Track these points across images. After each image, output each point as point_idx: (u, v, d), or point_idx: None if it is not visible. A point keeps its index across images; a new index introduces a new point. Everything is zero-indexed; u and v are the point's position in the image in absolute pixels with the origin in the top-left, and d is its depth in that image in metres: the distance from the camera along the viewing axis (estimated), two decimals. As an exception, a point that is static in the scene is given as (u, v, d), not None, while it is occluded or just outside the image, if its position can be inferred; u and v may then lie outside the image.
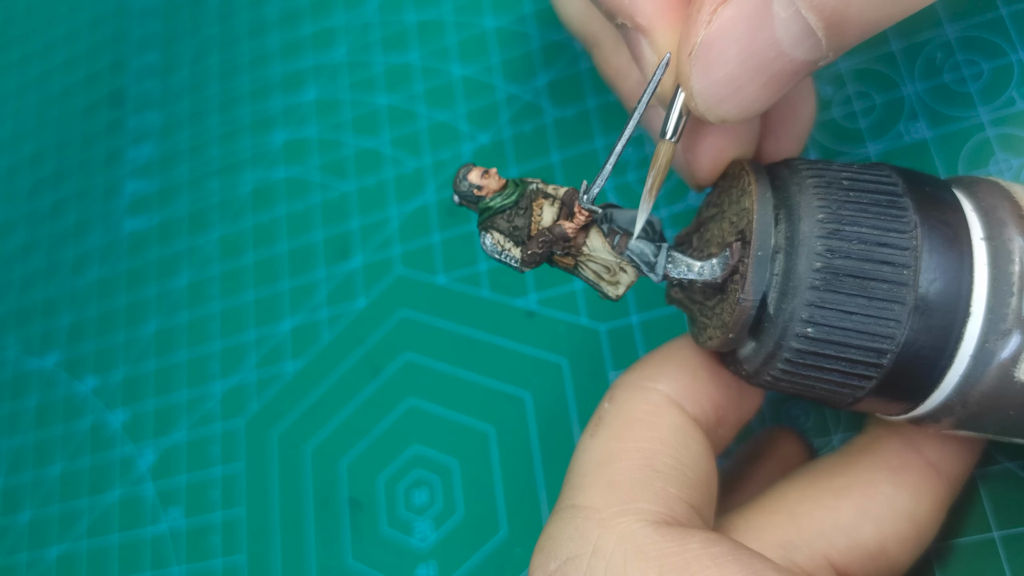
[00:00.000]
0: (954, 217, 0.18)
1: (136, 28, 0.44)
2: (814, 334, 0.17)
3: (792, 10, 0.16)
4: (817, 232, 0.17)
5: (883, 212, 0.17)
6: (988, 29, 0.27)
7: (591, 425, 0.21)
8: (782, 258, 0.18)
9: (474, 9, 0.36)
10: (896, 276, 0.17)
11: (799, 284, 0.17)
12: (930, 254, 0.17)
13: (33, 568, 0.35)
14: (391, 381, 0.32)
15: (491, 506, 0.29)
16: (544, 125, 0.33)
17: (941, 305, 0.17)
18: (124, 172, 0.41)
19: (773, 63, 0.17)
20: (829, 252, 0.17)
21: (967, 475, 0.22)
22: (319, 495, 0.31)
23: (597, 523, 0.18)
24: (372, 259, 0.34)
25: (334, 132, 0.37)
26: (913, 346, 0.17)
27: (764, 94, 0.17)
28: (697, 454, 0.20)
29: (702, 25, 0.17)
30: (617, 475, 0.19)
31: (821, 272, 0.17)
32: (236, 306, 0.35)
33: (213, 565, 0.32)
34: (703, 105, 0.18)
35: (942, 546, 0.23)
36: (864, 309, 0.17)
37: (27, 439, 0.37)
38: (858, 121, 0.28)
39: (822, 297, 0.17)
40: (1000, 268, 0.17)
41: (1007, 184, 0.18)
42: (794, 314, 0.17)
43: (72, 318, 0.39)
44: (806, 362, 0.18)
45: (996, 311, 0.17)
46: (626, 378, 0.21)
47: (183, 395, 0.35)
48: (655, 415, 0.20)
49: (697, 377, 0.21)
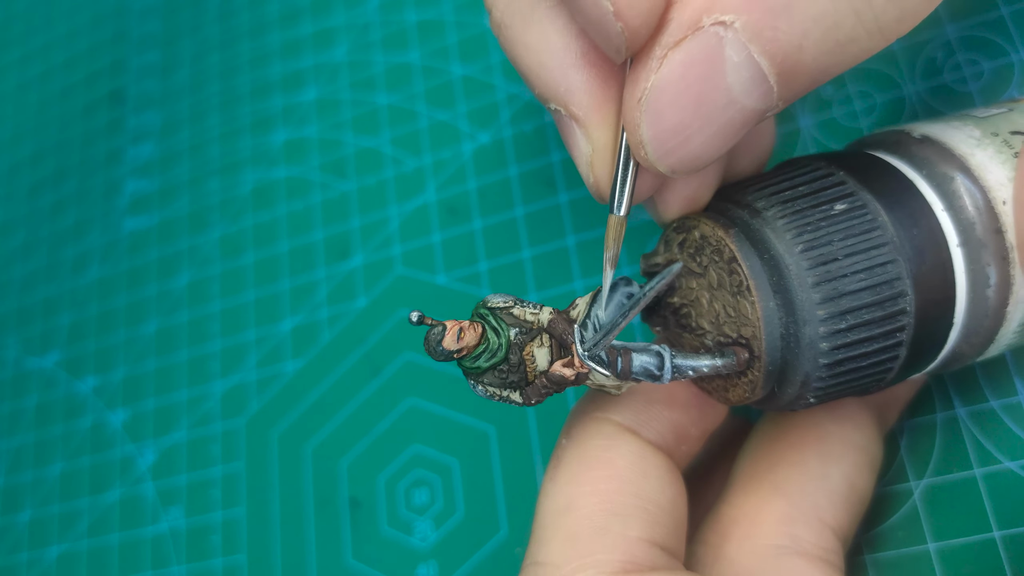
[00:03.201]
0: (915, 202, 0.18)
1: (136, 28, 0.44)
2: (830, 388, 0.18)
3: (744, 54, 0.15)
4: (814, 297, 0.17)
5: (860, 230, 0.18)
6: (988, 29, 0.27)
7: (551, 467, 0.20)
8: (784, 346, 0.18)
9: (474, 8, 0.36)
10: (893, 290, 0.17)
11: (809, 367, 0.18)
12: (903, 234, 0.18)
13: (33, 568, 0.34)
14: (391, 381, 0.32)
15: (491, 506, 0.29)
16: (544, 125, 0.33)
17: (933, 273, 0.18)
18: (124, 172, 0.41)
19: (724, 111, 0.16)
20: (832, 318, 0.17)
21: (897, 406, 0.23)
22: (319, 495, 0.31)
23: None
24: (372, 259, 0.34)
25: (334, 132, 0.37)
26: (923, 312, 0.18)
27: (714, 144, 0.17)
28: (658, 482, 0.20)
29: (652, 70, 0.16)
30: (575, 525, 0.19)
31: (829, 341, 0.17)
32: (236, 306, 0.35)
33: (213, 565, 0.32)
34: (653, 155, 0.17)
35: (943, 546, 0.23)
36: (874, 354, 0.18)
37: (27, 439, 0.37)
38: (859, 120, 0.28)
39: (834, 370, 0.18)
40: (953, 204, 0.18)
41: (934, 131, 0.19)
42: (805, 390, 0.18)
43: (72, 318, 0.39)
44: (835, 383, 0.18)
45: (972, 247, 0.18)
46: (580, 408, 0.21)
47: (183, 395, 0.35)
48: (611, 449, 0.20)
49: (652, 400, 0.21)
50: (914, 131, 0.20)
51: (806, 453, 0.21)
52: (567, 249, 0.31)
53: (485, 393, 0.19)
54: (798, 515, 0.20)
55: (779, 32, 0.15)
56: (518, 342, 0.18)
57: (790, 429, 0.22)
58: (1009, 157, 0.18)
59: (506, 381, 0.19)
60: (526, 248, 0.31)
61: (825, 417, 0.22)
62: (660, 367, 0.19)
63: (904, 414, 0.25)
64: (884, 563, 0.24)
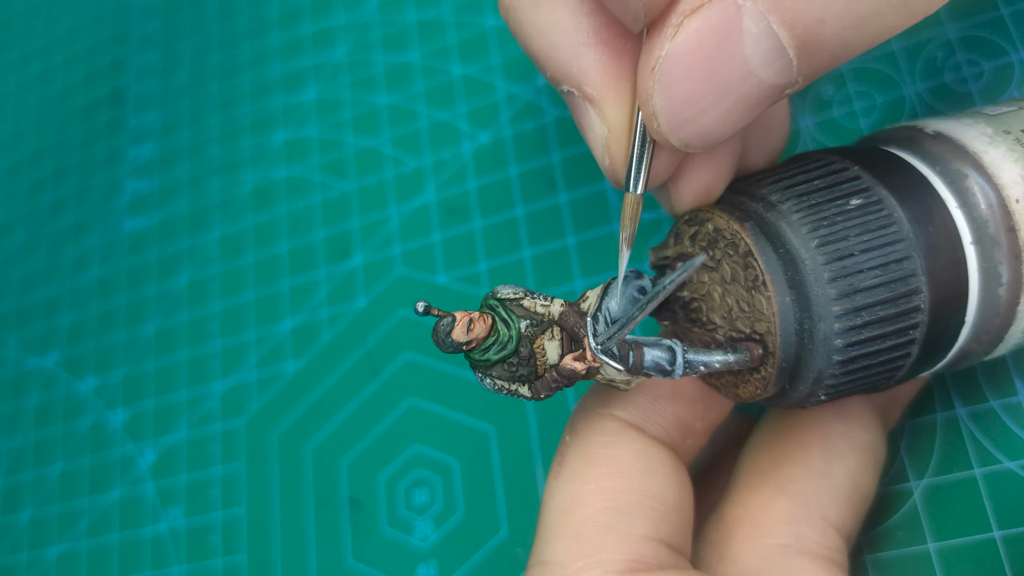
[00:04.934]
0: (929, 198, 0.18)
1: (136, 28, 0.44)
2: (842, 385, 0.18)
3: (763, 25, 0.15)
4: (830, 292, 0.17)
5: (876, 226, 0.18)
6: (989, 29, 0.27)
7: (555, 464, 0.20)
8: (799, 343, 0.18)
9: (474, 8, 0.36)
10: (908, 287, 0.17)
11: (822, 364, 0.18)
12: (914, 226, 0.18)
13: (33, 568, 0.34)
14: (391, 381, 0.32)
15: (491, 506, 0.29)
16: (545, 125, 0.33)
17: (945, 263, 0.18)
18: (124, 172, 0.41)
19: (741, 83, 0.16)
20: (848, 315, 0.17)
21: (900, 405, 0.23)
22: (319, 495, 0.31)
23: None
24: (372, 259, 0.34)
25: (334, 132, 0.37)
26: (937, 310, 0.18)
27: (730, 118, 0.16)
28: (664, 478, 0.19)
29: (667, 38, 0.15)
30: (580, 524, 0.19)
31: (844, 337, 0.17)
32: (236, 306, 0.35)
33: (213, 565, 0.32)
34: (665, 127, 0.16)
35: (943, 546, 0.23)
36: (887, 351, 0.17)
37: (27, 439, 0.37)
38: (859, 121, 0.28)
39: (848, 368, 0.18)
40: (967, 202, 0.18)
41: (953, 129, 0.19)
42: (817, 387, 0.18)
43: (72, 318, 0.39)
44: (847, 380, 0.18)
45: (986, 245, 0.18)
46: (584, 404, 0.21)
47: (183, 395, 0.35)
48: (615, 446, 0.19)
49: (656, 396, 0.20)
50: (927, 127, 0.19)
51: (810, 451, 0.21)
52: (567, 249, 0.31)
53: (493, 387, 0.19)
54: (802, 514, 0.20)
55: (799, 3, 0.15)
56: (529, 335, 0.18)
57: (794, 426, 0.22)
58: (1022, 155, 0.18)
59: (515, 375, 0.18)
60: (526, 248, 0.31)
61: (829, 415, 0.22)
62: (672, 362, 0.18)
63: (905, 413, 0.25)
64: (884, 563, 0.24)
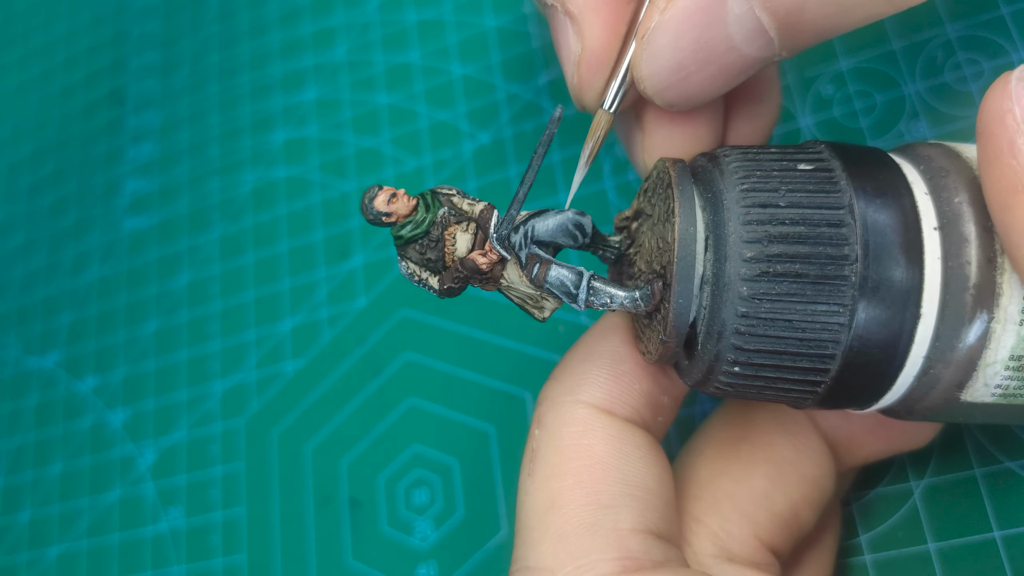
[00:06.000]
0: (891, 179, 0.17)
1: (136, 28, 0.44)
2: (750, 347, 0.16)
3: (746, 7, 0.16)
4: (742, 233, 0.16)
5: (814, 186, 0.16)
6: (989, 28, 0.27)
7: (526, 460, 0.19)
8: (708, 291, 0.17)
9: (474, 8, 0.36)
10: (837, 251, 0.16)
11: (727, 315, 0.16)
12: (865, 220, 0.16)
13: (33, 568, 0.34)
14: (391, 381, 0.32)
15: (491, 506, 0.29)
16: (545, 124, 0.33)
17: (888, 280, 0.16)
18: (124, 171, 0.41)
19: (723, 56, 0.17)
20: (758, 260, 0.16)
21: (860, 457, 0.22)
22: (319, 495, 0.31)
23: None
24: (372, 258, 0.34)
25: (334, 131, 0.37)
26: (861, 343, 0.16)
27: (712, 84, 0.18)
28: (642, 462, 0.19)
29: (657, 11, 0.17)
30: (563, 524, 0.18)
31: (750, 286, 0.16)
32: (236, 306, 0.35)
33: (213, 565, 0.32)
34: (650, 89, 0.18)
35: (943, 546, 0.23)
36: (803, 316, 0.16)
37: (27, 439, 0.37)
38: (859, 120, 0.28)
39: (753, 321, 0.16)
40: (937, 188, 0.16)
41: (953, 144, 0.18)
42: (723, 345, 0.17)
43: (72, 318, 0.39)
44: (746, 377, 0.17)
45: (952, 238, 0.16)
46: (549, 393, 0.20)
47: (183, 395, 0.35)
48: (587, 435, 0.19)
49: (620, 374, 0.20)
50: (935, 142, 0.19)
51: (753, 472, 0.21)
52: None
53: (407, 271, 0.19)
54: (733, 531, 0.20)
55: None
56: (442, 221, 0.19)
57: (740, 443, 0.21)
58: None
59: (424, 258, 0.19)
60: (526, 248, 0.31)
61: (781, 440, 0.21)
62: (577, 285, 0.18)
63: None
64: (884, 563, 0.24)
